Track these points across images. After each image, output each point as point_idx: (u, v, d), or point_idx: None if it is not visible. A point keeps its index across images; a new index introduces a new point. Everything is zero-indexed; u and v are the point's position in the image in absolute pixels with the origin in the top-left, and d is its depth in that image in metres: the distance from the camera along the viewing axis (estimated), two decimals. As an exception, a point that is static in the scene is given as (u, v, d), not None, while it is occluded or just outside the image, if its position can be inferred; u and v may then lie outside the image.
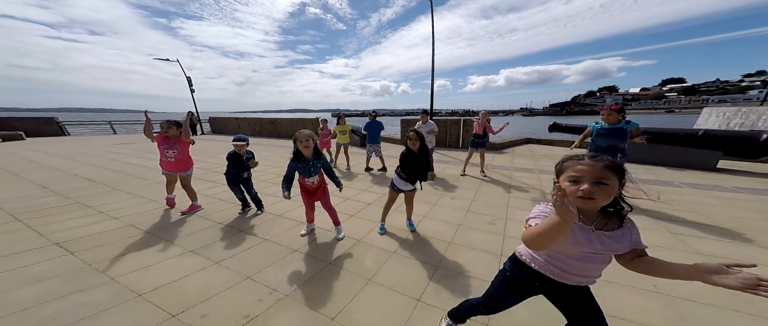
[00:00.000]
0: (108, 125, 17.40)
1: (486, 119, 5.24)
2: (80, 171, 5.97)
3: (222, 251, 2.47)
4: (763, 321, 1.67)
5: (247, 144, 3.36)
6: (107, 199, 3.99)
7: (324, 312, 1.73)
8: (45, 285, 1.92)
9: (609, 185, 0.93)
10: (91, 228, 2.95)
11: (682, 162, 5.98)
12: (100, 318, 1.60)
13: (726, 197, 4.06)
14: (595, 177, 0.93)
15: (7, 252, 2.42)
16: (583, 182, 0.94)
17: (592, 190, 0.92)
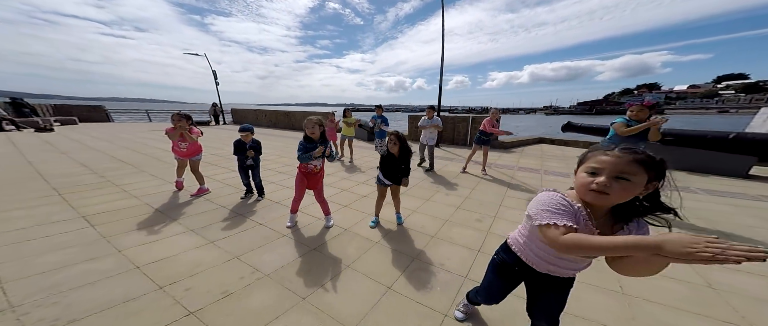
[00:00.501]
0: (145, 114, 18.81)
1: (496, 118, 5.06)
2: (116, 153, 6.54)
3: (219, 232, 2.65)
4: (710, 321, 1.66)
5: (252, 134, 3.52)
6: (133, 179, 4.36)
7: (297, 292, 1.84)
8: (65, 252, 2.18)
9: (631, 181, 0.79)
10: (113, 204, 3.26)
11: (711, 168, 5.45)
12: (99, 285, 1.80)
13: (745, 204, 3.74)
14: (617, 170, 0.80)
15: (44, 222, 2.76)
16: (601, 174, 0.82)
17: (609, 184, 0.80)
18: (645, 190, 0.83)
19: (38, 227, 2.63)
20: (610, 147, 0.86)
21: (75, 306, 1.59)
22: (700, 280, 2.05)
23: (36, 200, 3.38)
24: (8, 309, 1.55)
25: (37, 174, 4.55)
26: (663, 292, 1.91)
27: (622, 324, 1.63)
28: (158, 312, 1.57)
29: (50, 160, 5.67)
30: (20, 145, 7.59)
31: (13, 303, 1.60)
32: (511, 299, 1.41)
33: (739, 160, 5.20)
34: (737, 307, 1.77)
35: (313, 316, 1.64)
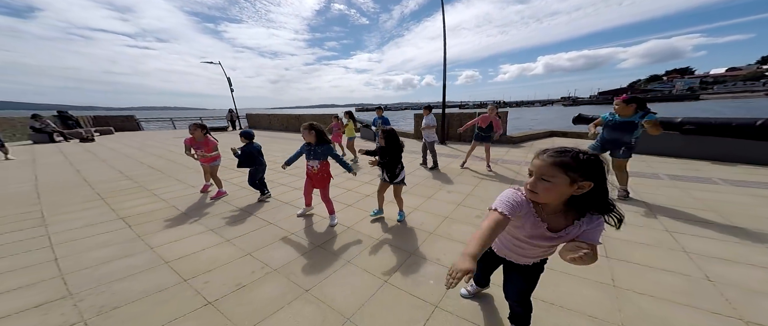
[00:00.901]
0: (170, 122, 20.11)
1: (495, 113, 5.03)
2: (146, 160, 7.13)
3: (234, 230, 2.91)
4: (698, 313, 1.67)
5: (248, 139, 3.79)
6: (161, 184, 4.80)
7: (301, 285, 2.03)
8: (108, 250, 2.52)
9: (551, 182, 0.89)
10: (146, 207, 3.64)
11: (737, 156, 5.15)
12: (137, 278, 2.09)
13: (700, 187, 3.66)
14: (540, 173, 0.92)
15: (91, 222, 3.16)
16: (532, 175, 0.96)
17: (535, 184, 0.94)
18: (578, 189, 0.89)
19: (87, 228, 3.02)
20: (546, 150, 0.96)
21: (118, 295, 1.88)
22: (699, 273, 2.04)
23: (84, 203, 3.84)
24: (68, 296, 1.87)
25: (84, 181, 5.10)
26: (657, 285, 1.93)
27: (607, 316, 1.68)
28: (183, 302, 1.82)
29: (93, 168, 6.29)
30: (68, 154, 8.43)
31: (71, 291, 1.91)
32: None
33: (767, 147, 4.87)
34: (731, 299, 1.77)
35: (314, 306, 1.82)
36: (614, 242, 2.50)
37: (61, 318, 1.65)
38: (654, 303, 1.77)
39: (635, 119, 3.27)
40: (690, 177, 4.43)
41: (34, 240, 2.74)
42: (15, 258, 2.40)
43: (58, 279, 2.06)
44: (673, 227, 2.76)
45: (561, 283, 1.97)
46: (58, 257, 2.40)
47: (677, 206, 3.29)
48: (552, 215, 1.01)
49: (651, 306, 1.75)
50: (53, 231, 2.94)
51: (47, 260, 2.36)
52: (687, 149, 5.64)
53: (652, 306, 1.75)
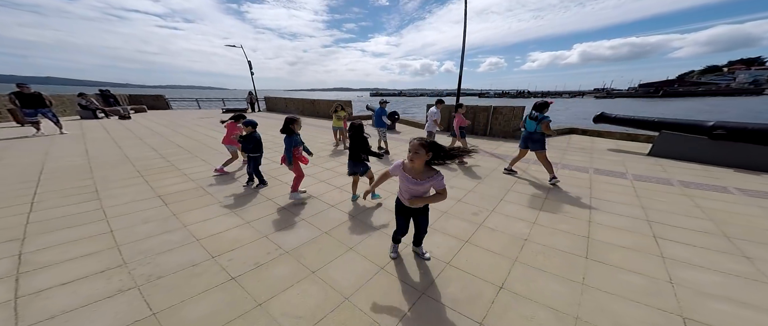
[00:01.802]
0: (195, 102, 21.02)
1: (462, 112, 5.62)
2: (175, 139, 7.71)
3: (253, 214, 3.26)
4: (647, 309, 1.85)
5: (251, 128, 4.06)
6: (189, 164, 5.26)
7: (309, 267, 2.33)
8: (150, 225, 2.95)
9: (418, 154, 1.79)
10: (178, 187, 4.08)
11: (760, 164, 4.94)
12: (175, 252, 2.48)
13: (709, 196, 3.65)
14: (413, 150, 1.81)
15: (135, 198, 3.63)
16: (410, 151, 1.83)
17: (412, 157, 1.82)
18: (428, 156, 1.82)
19: (132, 203, 3.49)
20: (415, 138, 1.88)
21: (161, 266, 2.27)
22: (664, 276, 2.19)
23: (128, 179, 4.37)
24: (123, 264, 2.28)
25: (125, 158, 5.69)
26: (622, 285, 2.11)
27: (566, 308, 1.88)
28: (211, 276, 2.18)
29: (131, 145, 6.92)
30: (110, 130, 9.23)
31: (125, 261, 2.33)
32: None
33: None
34: (681, 299, 1.94)
35: (319, 286, 2.12)
36: (598, 245, 2.63)
37: (119, 283, 2.05)
38: (612, 300, 1.96)
39: (540, 117, 4.23)
40: (704, 185, 4.32)
41: (92, 213, 3.22)
42: (81, 228, 2.87)
43: (114, 250, 2.49)
44: (662, 234, 2.84)
45: (536, 279, 2.18)
46: (113, 230, 2.84)
47: (675, 213, 3.31)
48: (418, 172, 1.90)
49: (609, 301, 1.95)
50: (106, 205, 3.42)
51: (105, 231, 2.81)
52: (715, 155, 5.37)
53: (610, 302, 1.94)
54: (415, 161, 1.81)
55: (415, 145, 1.78)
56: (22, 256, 2.37)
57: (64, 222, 2.99)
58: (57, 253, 2.43)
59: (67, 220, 3.03)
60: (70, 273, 2.17)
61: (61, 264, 2.29)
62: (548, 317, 1.82)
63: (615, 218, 3.20)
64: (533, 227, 2.99)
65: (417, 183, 1.88)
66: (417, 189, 1.92)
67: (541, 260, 2.43)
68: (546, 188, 4.19)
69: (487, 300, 1.96)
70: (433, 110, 5.71)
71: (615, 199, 3.76)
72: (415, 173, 1.89)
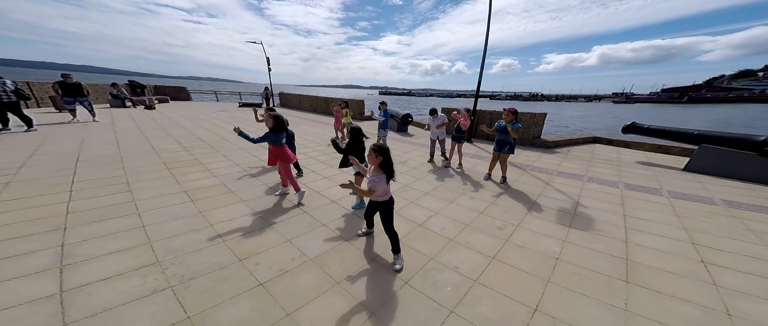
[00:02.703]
0: (214, 94, 21.64)
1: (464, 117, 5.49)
2: (197, 132, 7.94)
3: (275, 215, 3.30)
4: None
5: None
6: (211, 159, 5.39)
7: (333, 277, 2.32)
8: (179, 222, 3.03)
9: (372, 156, 2.28)
10: (201, 182, 4.19)
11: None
12: (204, 253, 2.54)
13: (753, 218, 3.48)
14: (369, 154, 2.30)
15: (163, 193, 3.75)
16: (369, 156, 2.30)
17: (369, 160, 2.32)
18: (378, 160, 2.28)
19: (161, 198, 3.60)
20: None
21: (192, 267, 2.32)
22: (720, 307, 2.04)
23: (155, 172, 4.53)
24: (156, 263, 2.35)
25: (152, 149, 5.92)
26: (672, 314, 1.98)
27: None
28: (240, 280, 2.21)
29: (157, 136, 7.19)
30: (137, 120, 9.62)
31: (158, 259, 2.40)
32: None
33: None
34: None
35: (344, 298, 2.10)
36: (639, 268, 2.49)
37: (154, 283, 2.12)
38: (569, 295, 1.97)
39: (511, 124, 4.36)
40: (753, 206, 4.02)
41: (125, 206, 3.35)
42: (115, 222, 2.98)
43: (147, 246, 2.57)
44: (711, 259, 2.66)
45: (573, 302, 2.07)
46: (145, 225, 2.94)
47: (724, 237, 3.09)
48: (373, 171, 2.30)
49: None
50: (138, 198, 3.56)
51: (137, 226, 2.91)
52: (764, 173, 4.98)
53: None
54: (371, 163, 2.36)
55: (372, 150, 2.30)
56: (65, 247, 2.49)
57: (100, 214, 3.12)
58: (96, 246, 2.53)
59: (103, 212, 3.16)
60: (109, 268, 2.26)
61: (100, 258, 2.38)
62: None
63: (655, 239, 3.02)
64: (564, 245, 2.87)
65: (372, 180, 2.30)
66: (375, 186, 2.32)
67: (577, 281, 2.32)
68: (573, 203, 4.01)
69: (521, 323, 1.89)
70: (441, 116, 5.76)
71: (652, 218, 3.55)
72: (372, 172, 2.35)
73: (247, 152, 6.02)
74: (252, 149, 6.21)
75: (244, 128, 8.88)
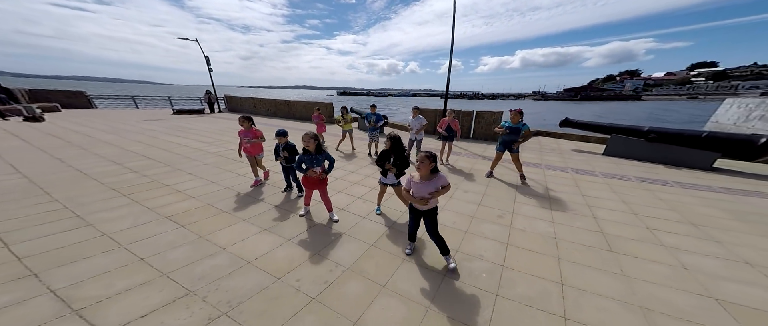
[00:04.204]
0: (130, 100, 18.18)
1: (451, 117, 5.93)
2: (135, 148, 6.80)
3: (288, 230, 3.22)
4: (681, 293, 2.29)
5: (285, 137, 3.93)
6: (176, 179, 4.78)
7: (377, 281, 2.44)
8: (183, 250, 2.73)
9: (425, 164, 2.34)
10: (180, 206, 3.74)
11: (682, 161, 6.44)
12: (235, 276, 2.38)
13: (708, 196, 4.65)
14: (421, 161, 2.35)
15: (138, 222, 3.26)
16: (417, 162, 2.38)
17: (419, 166, 2.38)
18: (432, 165, 2.37)
19: (140, 228, 3.14)
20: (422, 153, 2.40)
21: (233, 292, 2.18)
22: (676, 262, 2.78)
23: (107, 201, 3.83)
24: (190, 292, 2.13)
25: (81, 173, 4.90)
26: (653, 273, 2.58)
27: (627, 298, 2.27)
28: (291, 298, 2.17)
29: (76, 157, 5.92)
30: (26, 137, 7.63)
31: (190, 289, 2.17)
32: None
33: (706, 155, 6.20)
34: (703, 282, 2.49)
35: (396, 299, 2.24)
36: (613, 239, 3.20)
37: (203, 312, 1.94)
38: (654, 288, 2.39)
39: (520, 125, 4.81)
40: (651, 179, 5.48)
41: (98, 240, 2.84)
42: (101, 258, 2.56)
43: (164, 278, 2.29)
44: (651, 225, 3.58)
45: (584, 274, 2.59)
46: (142, 257, 2.57)
47: (648, 206, 4.18)
48: (426, 177, 2.41)
49: (653, 289, 2.37)
50: (109, 231, 3.03)
51: (133, 260, 2.54)
52: (650, 154, 6.84)
53: (654, 290, 2.37)
54: (422, 171, 2.40)
55: (422, 157, 2.36)
56: (57, 292, 2.08)
57: (71, 253, 2.61)
58: (100, 286, 2.20)
59: (73, 251, 2.66)
60: (138, 304, 2.03)
61: (117, 297, 2.10)
62: (617, 308, 2.17)
63: (611, 213, 3.93)
64: (555, 226, 3.52)
65: (427, 184, 2.40)
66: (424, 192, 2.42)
67: (579, 256, 2.88)
68: (545, 188, 4.88)
69: (558, 297, 2.30)
70: (419, 117, 6.08)
71: (600, 195, 4.58)
72: (424, 177, 2.44)
73: (221, 168, 5.48)
74: (225, 165, 5.68)
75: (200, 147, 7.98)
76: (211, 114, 15.25)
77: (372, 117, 6.56)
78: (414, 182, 2.46)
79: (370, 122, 6.55)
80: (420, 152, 2.38)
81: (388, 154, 3.36)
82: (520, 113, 4.88)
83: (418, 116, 6.05)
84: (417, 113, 6.08)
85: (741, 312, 2.15)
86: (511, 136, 4.87)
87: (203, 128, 10.44)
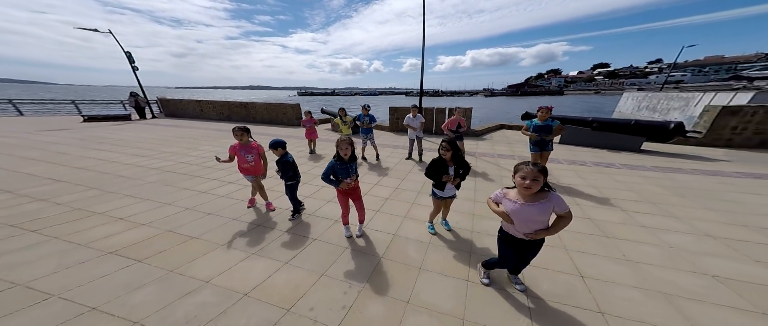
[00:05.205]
0: (8, 104, 14.45)
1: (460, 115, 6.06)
2: (31, 169, 5.46)
3: (280, 251, 2.86)
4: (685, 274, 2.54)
5: (282, 149, 3.34)
6: (111, 204, 3.93)
7: (399, 298, 2.27)
8: (148, 290, 2.22)
9: (538, 181, 1.78)
10: (129, 236, 3.07)
11: (620, 145, 7.67)
12: (231, 314, 2.00)
13: (648, 175, 5.47)
14: (532, 176, 1.78)
15: (71, 263, 2.57)
16: (527, 179, 1.79)
17: (530, 185, 1.78)
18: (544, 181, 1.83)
19: (75, 269, 2.48)
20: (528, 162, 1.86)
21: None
22: (660, 242, 3.08)
23: (14, 240, 2.97)
24: None
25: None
26: (649, 255, 2.77)
27: (641, 284, 2.40)
28: (312, 330, 1.89)
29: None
30: None
31: None
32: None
33: (636, 139, 7.50)
34: (693, 262, 2.76)
35: (426, 315, 2.10)
36: (602, 224, 3.47)
37: None
38: (657, 270, 2.56)
39: (549, 122, 4.69)
40: (603, 163, 6.29)
41: (14, 292, 2.15)
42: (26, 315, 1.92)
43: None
44: (625, 207, 4.00)
45: (596, 264, 2.71)
46: (94, 306, 2.02)
47: (612, 188, 4.72)
48: (532, 197, 1.87)
49: (657, 272, 2.54)
50: (24, 279, 2.31)
51: (80, 311, 1.99)
52: (595, 141, 7.96)
53: (658, 272, 2.54)
54: (533, 188, 1.80)
55: (534, 172, 1.77)
56: None
57: None
58: None
59: None
60: None
61: None
62: (640, 297, 2.27)
63: (587, 198, 4.34)
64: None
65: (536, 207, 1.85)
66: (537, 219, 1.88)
67: (581, 245, 3.05)
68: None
69: (584, 290, 2.36)
70: (419, 116, 6.26)
71: (573, 182, 5.05)
72: (528, 197, 1.88)
73: (174, 186, 4.66)
74: (178, 182, 4.87)
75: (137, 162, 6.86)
76: (141, 121, 13.10)
77: (366, 118, 6.46)
78: (510, 201, 1.94)
79: (364, 124, 6.45)
80: (528, 165, 1.82)
81: (443, 163, 2.85)
82: (550, 109, 4.68)
83: (417, 114, 6.21)
84: (416, 111, 6.21)
85: (736, 286, 2.39)
86: (543, 134, 4.67)
87: (135, 138, 8.91)
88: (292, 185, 3.49)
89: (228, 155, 3.48)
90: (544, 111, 4.66)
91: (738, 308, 2.18)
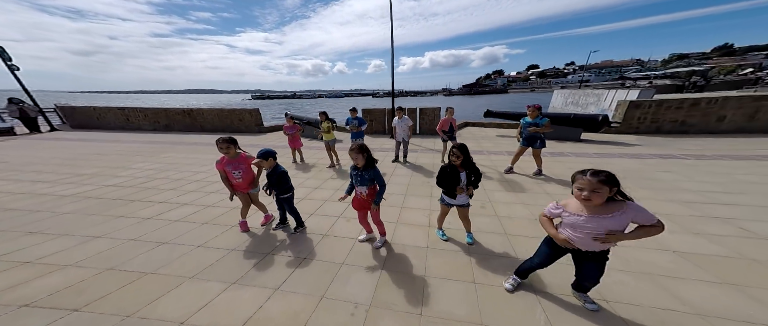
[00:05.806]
0: None
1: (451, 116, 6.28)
2: None
3: (269, 277, 2.52)
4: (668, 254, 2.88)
5: (273, 159, 3.09)
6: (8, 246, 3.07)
7: (411, 312, 2.14)
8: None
9: (599, 193, 1.59)
10: (47, 282, 2.43)
11: (565, 136, 8.68)
12: None
13: (594, 162, 6.24)
14: (592, 188, 1.60)
15: None
16: (585, 190, 1.63)
17: (590, 196, 1.62)
18: (612, 192, 1.62)
19: None
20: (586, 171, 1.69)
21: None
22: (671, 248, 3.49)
23: None
24: None
25: None
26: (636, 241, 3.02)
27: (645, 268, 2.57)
28: (329, 369, 1.66)
29: None
30: None
31: None
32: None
33: (576, 131, 8.61)
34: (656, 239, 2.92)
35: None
36: None
37: None
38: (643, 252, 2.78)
39: (538, 119, 5.04)
40: (557, 153, 6.98)
41: None
42: None
43: None
44: None
45: None
46: None
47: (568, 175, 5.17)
48: (597, 209, 1.69)
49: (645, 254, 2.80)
50: None
51: None
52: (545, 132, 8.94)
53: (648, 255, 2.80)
54: (594, 200, 1.64)
55: (595, 183, 1.61)
56: None
57: None
58: None
59: None
60: None
61: None
62: (631, 280, 2.38)
63: (557, 187, 4.69)
64: (531, 208, 3.91)
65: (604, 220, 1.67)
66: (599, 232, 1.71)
67: None
68: (498, 172, 5.54)
69: (612, 281, 2.38)
70: (405, 118, 6.28)
71: (547, 174, 5.41)
72: (592, 209, 1.71)
73: (103, 215, 3.86)
74: (107, 209, 4.04)
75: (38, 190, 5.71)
76: (33, 135, 10.71)
77: (354, 122, 6.20)
78: (570, 214, 1.78)
79: (353, 128, 6.19)
80: (585, 175, 1.67)
81: (454, 170, 2.72)
82: (538, 108, 4.99)
83: (403, 116, 6.18)
84: (402, 114, 6.20)
85: (699, 260, 2.68)
86: (530, 131, 5.04)
87: (29, 158, 7.21)
88: (288, 198, 3.23)
89: (218, 173, 3.15)
90: (533, 109, 4.99)
91: (705, 281, 2.42)
